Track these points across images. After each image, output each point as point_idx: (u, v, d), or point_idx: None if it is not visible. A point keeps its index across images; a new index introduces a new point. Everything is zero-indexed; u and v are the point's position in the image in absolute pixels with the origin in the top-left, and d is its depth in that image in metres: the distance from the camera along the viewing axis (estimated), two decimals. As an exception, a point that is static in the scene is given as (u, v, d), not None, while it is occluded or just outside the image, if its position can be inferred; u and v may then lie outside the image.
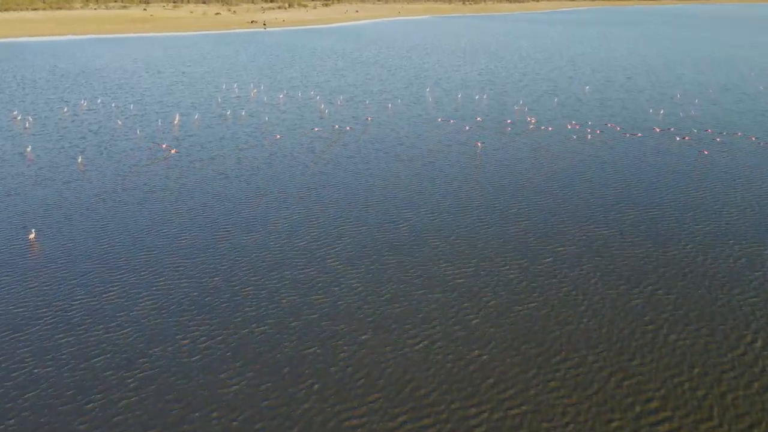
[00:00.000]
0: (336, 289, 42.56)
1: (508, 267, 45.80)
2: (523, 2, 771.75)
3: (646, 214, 56.33)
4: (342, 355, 34.77)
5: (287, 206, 59.03)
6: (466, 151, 79.25)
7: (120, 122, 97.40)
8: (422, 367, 33.59)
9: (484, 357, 34.40)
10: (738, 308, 39.19)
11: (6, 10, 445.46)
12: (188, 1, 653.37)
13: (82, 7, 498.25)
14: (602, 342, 35.61)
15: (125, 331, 37.44)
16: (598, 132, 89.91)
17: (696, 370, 32.62)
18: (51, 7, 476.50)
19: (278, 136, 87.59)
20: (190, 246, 49.77)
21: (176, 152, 78.18)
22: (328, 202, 60.26)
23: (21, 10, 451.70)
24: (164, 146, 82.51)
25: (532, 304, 40.17)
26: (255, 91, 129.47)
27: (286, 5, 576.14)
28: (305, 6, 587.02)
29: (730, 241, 49.89)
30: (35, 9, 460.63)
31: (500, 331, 37.01)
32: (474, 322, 38.14)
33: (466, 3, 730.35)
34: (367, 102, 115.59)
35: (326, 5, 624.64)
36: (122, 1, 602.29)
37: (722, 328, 36.74)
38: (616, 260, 46.71)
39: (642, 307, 39.59)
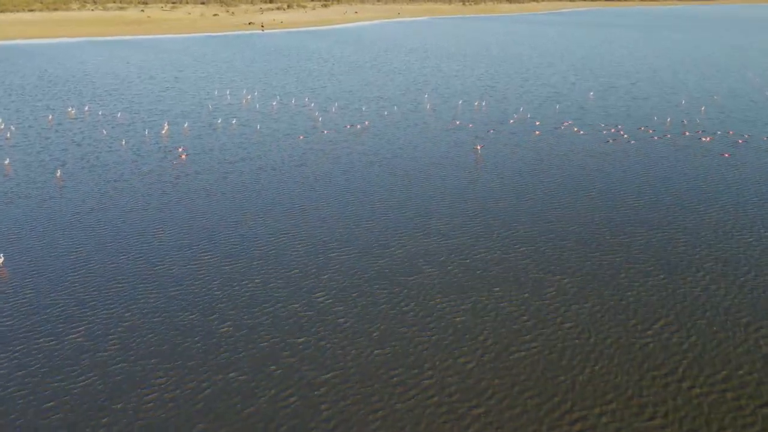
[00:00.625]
0: (321, 328, 38.90)
1: (508, 301, 42.15)
2: (522, 3, 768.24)
3: (657, 236, 52.67)
4: (325, 412, 31.09)
5: (274, 228, 55.37)
6: (464, 164, 75.58)
7: (105, 132, 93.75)
8: (413, 425, 29.93)
9: (482, 412, 30.73)
10: (766, 353, 35.53)
11: (2, 11, 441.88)
12: (187, 2, 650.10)
13: (79, 9, 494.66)
14: (614, 394, 31.95)
15: (86, 380, 33.77)
16: (604, 140, 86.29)
17: (723, 434, 28.99)
18: (48, 8, 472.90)
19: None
20: (167, 275, 46.12)
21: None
22: (317, 223, 56.61)
23: (18, 11, 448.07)
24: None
25: (534, 346, 36.51)
26: (248, 97, 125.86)
27: (285, 6, 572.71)
28: (304, 7, 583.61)
29: (752, 272, 46.23)
30: (32, 10, 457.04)
31: (499, 380, 33.35)
32: (471, 368, 34.49)
33: (466, 4, 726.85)
34: (364, 109, 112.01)
35: (325, 6, 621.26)
36: (120, 2, 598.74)
37: (748, 379, 33.09)
38: (625, 293, 43.06)
39: (656, 350, 35.94)
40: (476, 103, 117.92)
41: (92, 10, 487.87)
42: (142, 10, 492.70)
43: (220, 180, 69.36)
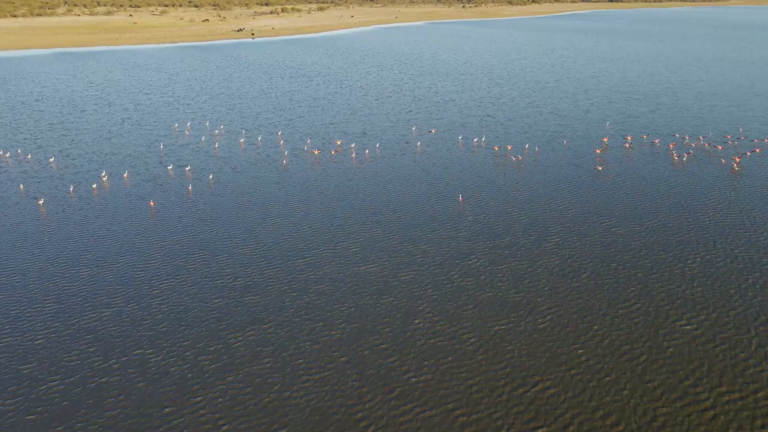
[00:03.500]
0: None
1: None
2: (523, 5, 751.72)
3: (714, 371, 36.37)
4: None
5: (225, 325, 38.95)
6: (453, 242, 59.22)
7: (22, 187, 77.45)
8: None
9: None
10: None
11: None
12: (179, 6, 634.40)
13: (65, 14, 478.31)
14: None
15: None
16: (627, 204, 69.94)
17: None
18: (32, 14, 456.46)
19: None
20: (48, 392, 29.85)
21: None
22: (275, 310, 40.22)
23: (1, 17, 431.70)
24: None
25: None
26: (213, 132, 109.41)
27: (279, 10, 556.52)
28: (299, 11, 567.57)
29: None
30: (15, 16, 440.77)
31: None
32: None
33: (466, 7, 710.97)
34: (346, 147, 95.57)
35: (321, 9, 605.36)
36: (111, 5, 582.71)
37: None
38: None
39: None
40: (474, 141, 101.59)
41: (78, 15, 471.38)
42: (131, 15, 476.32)
43: (145, 264, 52.86)
